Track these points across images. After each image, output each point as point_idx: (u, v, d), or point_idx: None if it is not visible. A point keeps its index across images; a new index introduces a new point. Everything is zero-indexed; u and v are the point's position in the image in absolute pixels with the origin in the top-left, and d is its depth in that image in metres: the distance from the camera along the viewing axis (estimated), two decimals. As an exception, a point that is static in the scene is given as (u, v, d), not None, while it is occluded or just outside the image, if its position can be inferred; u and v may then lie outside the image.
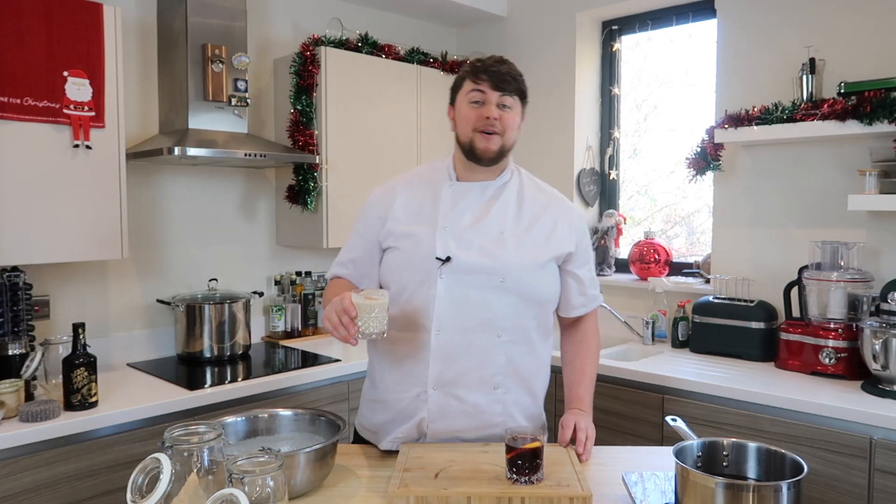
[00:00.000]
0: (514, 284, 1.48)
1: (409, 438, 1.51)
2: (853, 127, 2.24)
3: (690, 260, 3.10)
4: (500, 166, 1.57)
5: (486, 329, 1.48)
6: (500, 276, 1.47)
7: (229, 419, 1.42)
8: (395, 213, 1.55)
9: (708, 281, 2.83)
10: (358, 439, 1.66)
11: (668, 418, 1.47)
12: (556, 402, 2.48)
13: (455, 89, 1.57)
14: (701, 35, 3.05)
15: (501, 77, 1.48)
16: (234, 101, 2.53)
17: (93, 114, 2.14)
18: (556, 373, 1.84)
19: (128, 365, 2.49)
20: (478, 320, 1.47)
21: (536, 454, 1.29)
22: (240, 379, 2.32)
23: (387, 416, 1.55)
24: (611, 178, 3.35)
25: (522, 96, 1.54)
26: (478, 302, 1.47)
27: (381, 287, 1.58)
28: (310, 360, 2.58)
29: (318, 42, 2.76)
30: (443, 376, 1.48)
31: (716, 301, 2.63)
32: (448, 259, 1.46)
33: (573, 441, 1.49)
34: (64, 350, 1.99)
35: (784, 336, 2.41)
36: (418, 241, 1.50)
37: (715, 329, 2.60)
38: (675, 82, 3.23)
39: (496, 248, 1.49)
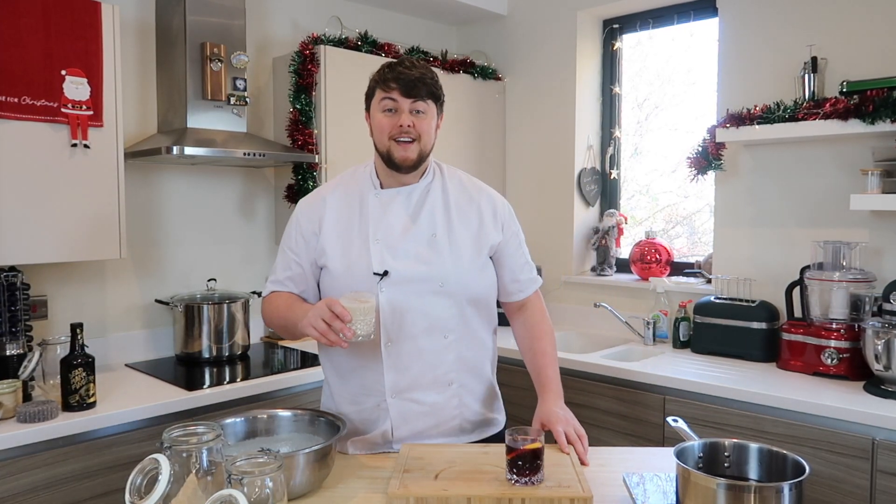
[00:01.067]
0: (454, 287, 1.51)
1: (374, 443, 1.55)
2: (855, 126, 2.23)
3: (692, 260, 3.09)
4: (422, 169, 1.58)
5: (433, 332, 1.51)
6: (438, 282, 1.50)
7: (228, 420, 1.43)
8: (325, 230, 1.56)
9: (709, 281, 2.82)
10: None
11: (669, 419, 1.47)
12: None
13: (368, 97, 1.58)
14: (702, 34, 3.05)
15: (411, 83, 1.48)
16: (232, 100, 2.52)
17: (91, 113, 2.13)
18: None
19: (126, 365, 2.49)
20: (423, 326, 1.50)
21: (537, 455, 1.29)
22: (239, 379, 2.31)
23: (351, 427, 1.57)
24: (612, 177, 3.34)
25: (436, 99, 1.54)
26: (420, 308, 1.50)
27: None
28: (309, 360, 2.57)
29: (317, 41, 2.76)
30: (398, 384, 1.52)
31: (717, 301, 2.62)
32: (386, 273, 1.49)
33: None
34: (62, 350, 1.98)
35: (786, 336, 2.40)
36: (353, 258, 1.52)
37: (716, 329, 2.59)
38: (676, 81, 3.23)
39: (431, 253, 1.51)
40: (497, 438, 1.63)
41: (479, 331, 1.60)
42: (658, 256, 3.02)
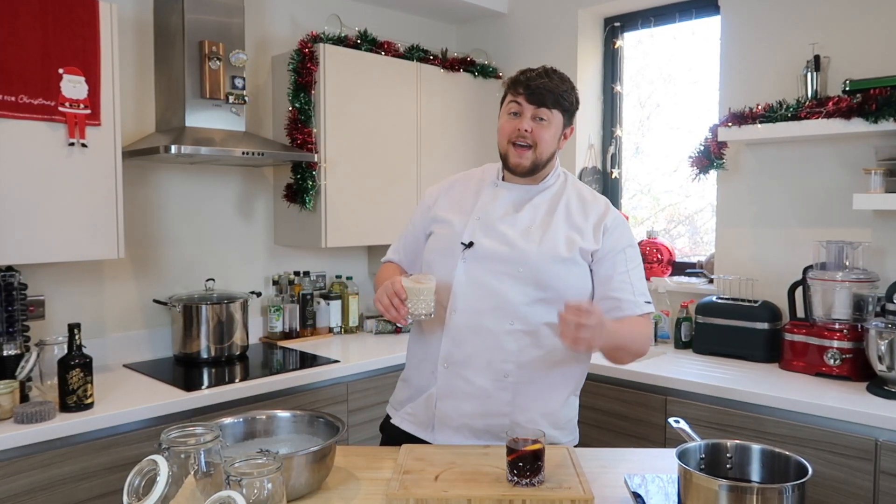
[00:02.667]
0: (532, 275, 1.52)
1: (419, 417, 1.59)
2: (858, 125, 2.23)
3: (694, 260, 3.09)
4: (544, 173, 1.61)
5: (500, 314, 1.51)
6: (518, 265, 1.52)
7: (227, 421, 1.42)
8: (440, 203, 1.67)
9: (711, 281, 2.81)
10: (385, 425, 1.72)
11: (670, 420, 1.46)
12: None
13: (502, 101, 1.63)
14: (704, 32, 3.04)
15: (537, 90, 1.52)
16: (231, 98, 2.51)
17: (88, 112, 2.13)
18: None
19: (124, 366, 2.48)
20: (491, 305, 1.52)
21: (538, 456, 1.28)
22: (237, 380, 2.31)
23: (407, 393, 1.65)
24: (613, 176, 3.33)
25: (563, 109, 1.56)
26: (493, 287, 1.52)
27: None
28: (308, 360, 2.57)
29: (316, 39, 2.75)
30: (453, 356, 1.54)
31: (719, 301, 2.62)
32: (471, 244, 1.54)
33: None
34: (59, 351, 1.97)
35: (788, 337, 2.39)
36: (451, 227, 1.60)
37: (718, 330, 2.59)
38: (677, 80, 3.22)
39: (520, 240, 1.54)
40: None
41: (547, 334, 1.52)
42: (660, 256, 3.01)
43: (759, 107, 2.46)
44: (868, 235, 2.40)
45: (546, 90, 1.52)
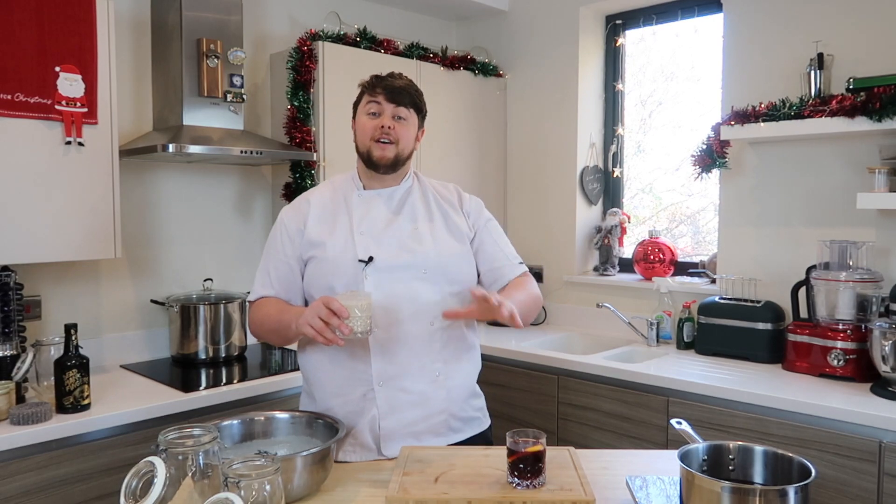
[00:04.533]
0: (436, 273, 1.57)
1: (363, 443, 1.55)
2: (862, 123, 2.21)
3: (696, 259, 3.08)
4: (402, 173, 1.67)
5: (419, 318, 1.56)
6: (421, 268, 1.57)
7: (225, 422, 1.42)
8: (310, 225, 1.63)
9: (714, 281, 2.80)
10: None
11: (672, 421, 1.46)
12: (558, 404, 2.44)
13: (356, 104, 1.67)
14: (707, 29, 3.02)
15: (396, 90, 1.59)
16: (229, 97, 2.50)
17: (85, 110, 2.12)
18: (561, 375, 1.81)
19: (121, 366, 2.47)
20: (409, 312, 1.55)
21: (538, 458, 1.29)
22: (235, 381, 2.30)
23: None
24: (614, 175, 3.31)
25: (418, 110, 1.64)
26: (405, 295, 1.55)
27: (304, 301, 1.65)
28: (307, 361, 2.55)
29: (315, 37, 2.74)
30: (386, 371, 1.55)
31: (722, 301, 2.60)
32: (370, 259, 1.55)
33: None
34: (56, 351, 1.96)
35: (791, 337, 2.38)
36: (339, 248, 1.58)
37: (721, 330, 2.57)
38: (680, 78, 3.20)
39: (413, 243, 1.59)
40: (482, 438, 1.66)
41: (462, 325, 1.64)
42: (662, 256, 2.99)
43: (762, 105, 2.44)
44: (872, 235, 2.38)
45: (404, 90, 1.59)
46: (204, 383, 2.27)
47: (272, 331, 1.60)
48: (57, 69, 2.05)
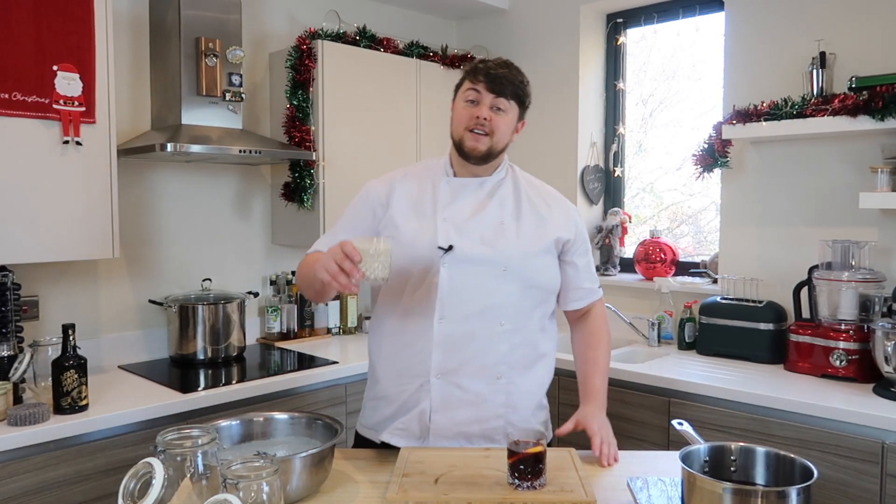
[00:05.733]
0: (516, 273, 1.52)
1: (411, 431, 1.53)
2: (864, 123, 2.21)
3: (697, 259, 3.07)
4: (495, 164, 1.61)
5: (488, 317, 1.51)
6: (502, 265, 1.51)
7: (223, 423, 1.41)
8: (394, 204, 1.58)
9: (715, 281, 2.79)
10: (359, 442, 1.66)
11: (674, 422, 1.47)
12: (558, 405, 2.43)
13: (457, 87, 1.61)
14: (708, 28, 3.01)
15: (498, 80, 1.52)
16: (228, 96, 2.49)
17: (83, 109, 2.11)
18: (561, 375, 1.79)
19: (119, 367, 2.46)
20: (479, 308, 1.50)
21: (539, 459, 1.28)
22: (234, 381, 2.29)
23: (389, 411, 1.57)
24: (615, 175, 3.30)
25: (520, 101, 1.57)
26: (480, 290, 1.50)
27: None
28: (306, 362, 2.55)
29: (314, 35, 2.73)
30: (445, 365, 1.50)
31: (723, 302, 2.60)
32: (450, 248, 1.49)
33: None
34: (53, 352, 1.95)
35: (793, 338, 2.37)
36: (419, 232, 1.53)
37: (722, 330, 2.56)
38: (681, 77, 3.19)
39: (496, 238, 1.53)
40: None
41: (535, 329, 1.58)
42: (663, 256, 2.98)
43: (764, 104, 2.44)
44: (874, 235, 2.38)
45: (506, 80, 1.52)
46: (202, 384, 2.26)
47: (307, 283, 1.53)
48: (55, 68, 2.04)
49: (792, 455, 1.23)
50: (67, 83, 2.07)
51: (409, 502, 1.22)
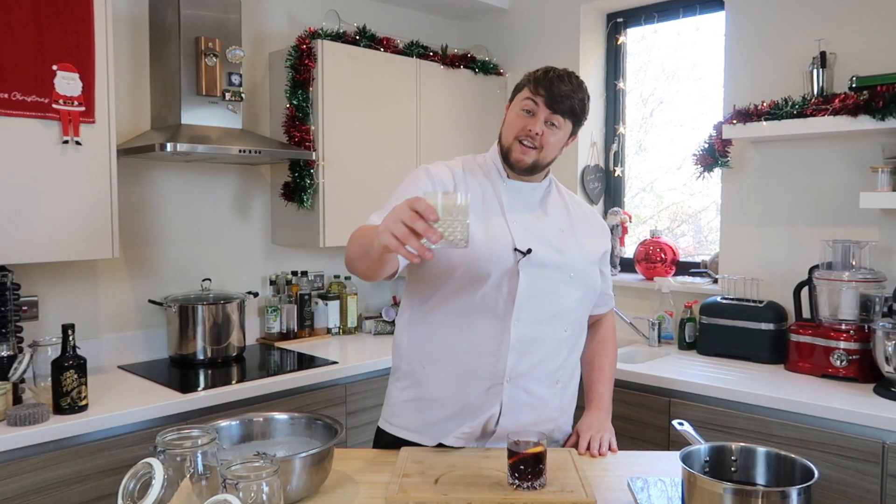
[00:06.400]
0: (580, 279, 1.55)
1: (474, 433, 1.50)
2: (865, 122, 2.20)
3: (697, 259, 3.06)
4: (542, 174, 1.61)
5: (557, 322, 1.52)
6: (569, 271, 1.53)
7: (223, 423, 1.40)
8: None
9: (716, 281, 2.79)
10: (386, 440, 1.59)
11: (674, 422, 1.46)
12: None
13: (517, 89, 1.57)
14: (709, 28, 3.01)
15: (558, 97, 1.48)
16: (228, 95, 2.49)
17: (82, 109, 2.10)
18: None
19: (119, 367, 2.45)
20: (550, 313, 1.51)
21: (539, 459, 1.28)
22: (234, 382, 2.29)
23: (444, 413, 1.51)
24: (616, 174, 3.30)
25: (576, 120, 1.54)
26: (551, 295, 1.51)
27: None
28: (306, 362, 2.54)
29: (314, 35, 2.72)
30: (517, 368, 1.49)
31: (724, 301, 2.59)
32: (529, 251, 1.48)
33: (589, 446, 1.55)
34: (53, 352, 1.95)
35: (794, 338, 2.37)
36: (493, 232, 1.49)
37: (723, 330, 2.56)
38: (681, 76, 3.19)
39: (562, 243, 1.55)
40: None
41: (583, 338, 1.63)
42: (663, 256, 2.98)
43: (765, 104, 2.43)
44: (875, 235, 2.37)
45: (566, 97, 1.48)
46: (202, 384, 2.25)
47: (359, 249, 1.35)
48: (54, 68, 2.03)
49: (792, 455, 1.23)
50: (67, 83, 2.07)
51: (410, 502, 1.22)
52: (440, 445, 1.51)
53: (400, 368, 1.60)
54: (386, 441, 1.59)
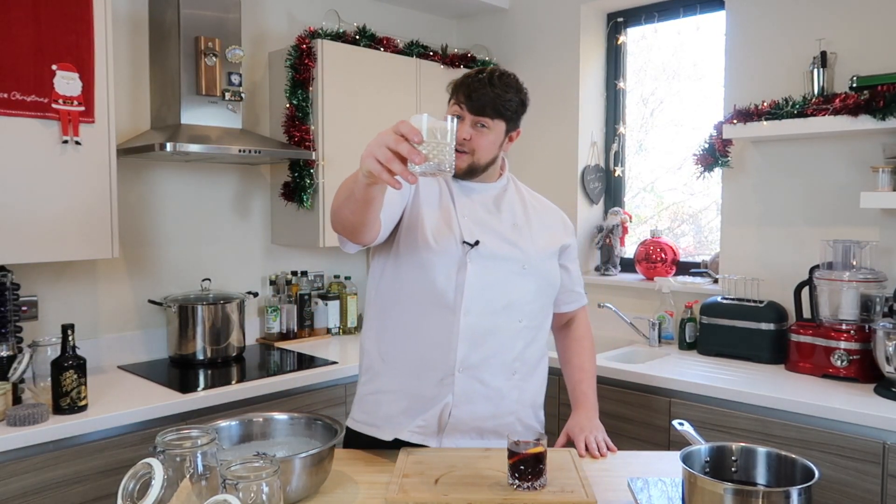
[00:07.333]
0: (534, 271, 1.57)
1: (430, 428, 1.51)
2: (866, 122, 2.20)
3: (698, 259, 3.06)
4: (492, 174, 1.61)
5: (509, 313, 1.54)
6: (521, 263, 1.55)
7: (223, 423, 1.40)
8: (421, 189, 1.55)
9: (716, 281, 2.78)
10: (352, 438, 1.61)
11: (675, 422, 1.46)
12: (559, 405, 2.43)
13: (450, 95, 1.60)
14: (709, 27, 3.01)
15: (478, 100, 1.50)
16: (227, 95, 2.48)
17: (82, 108, 2.10)
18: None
19: (118, 367, 2.45)
20: (502, 304, 1.53)
21: (539, 459, 1.28)
22: (234, 382, 2.29)
23: (399, 406, 1.54)
24: (616, 174, 3.29)
25: (506, 118, 1.55)
26: (502, 286, 1.53)
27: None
28: (306, 362, 2.54)
29: (314, 34, 2.72)
30: (469, 359, 1.50)
31: (724, 301, 2.59)
32: (476, 243, 1.51)
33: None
34: (53, 352, 1.95)
35: (794, 338, 2.36)
36: (443, 226, 1.52)
37: (723, 330, 2.56)
38: (682, 76, 3.18)
39: (515, 236, 1.57)
40: None
41: (544, 327, 1.64)
42: (663, 256, 2.98)
43: (765, 104, 2.43)
44: (876, 234, 2.37)
45: (486, 100, 1.50)
46: (202, 384, 2.25)
47: (345, 190, 1.32)
48: (54, 67, 2.03)
49: (793, 455, 1.23)
50: (66, 83, 2.06)
51: (410, 503, 1.22)
52: (396, 441, 1.52)
53: (363, 364, 1.65)
54: (348, 437, 1.62)
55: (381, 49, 2.90)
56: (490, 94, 1.50)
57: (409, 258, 1.52)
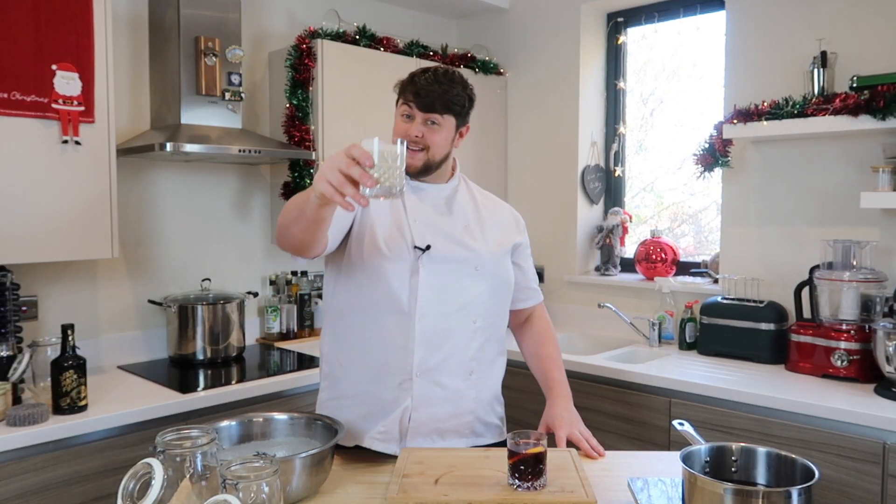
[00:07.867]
0: (487, 272, 1.58)
1: (392, 434, 1.51)
2: (866, 122, 2.20)
3: (698, 259, 3.06)
4: (443, 173, 1.62)
5: (464, 314, 1.55)
6: (473, 264, 1.57)
7: (223, 423, 1.41)
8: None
9: (716, 281, 2.78)
10: None
11: (675, 422, 1.45)
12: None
13: (398, 96, 1.61)
14: (709, 27, 3.01)
15: (427, 97, 1.53)
16: (227, 95, 2.48)
17: (82, 108, 2.10)
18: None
19: (118, 367, 2.45)
20: (456, 306, 1.54)
21: (539, 459, 1.28)
22: (234, 382, 2.29)
23: (359, 411, 1.54)
24: (616, 174, 3.30)
25: (454, 113, 1.57)
26: (455, 288, 1.54)
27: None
28: (306, 362, 2.54)
29: (314, 34, 2.72)
30: (426, 362, 1.52)
31: (724, 302, 2.59)
32: (428, 247, 1.52)
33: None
34: (52, 352, 1.95)
35: (795, 338, 2.36)
36: (394, 232, 1.54)
37: (723, 330, 2.56)
38: (682, 76, 3.18)
39: (466, 238, 1.58)
40: (501, 447, 1.61)
41: (500, 326, 1.66)
42: (663, 256, 2.98)
43: (765, 104, 2.43)
44: (876, 234, 2.37)
45: (435, 96, 1.52)
46: (202, 384, 2.25)
47: (295, 209, 1.33)
48: (54, 67, 2.03)
49: (793, 455, 1.23)
50: (66, 82, 2.06)
51: (410, 503, 1.22)
52: (357, 448, 1.51)
53: (323, 370, 1.66)
54: None
55: (381, 49, 2.90)
56: (438, 90, 1.52)
57: (362, 265, 1.53)
